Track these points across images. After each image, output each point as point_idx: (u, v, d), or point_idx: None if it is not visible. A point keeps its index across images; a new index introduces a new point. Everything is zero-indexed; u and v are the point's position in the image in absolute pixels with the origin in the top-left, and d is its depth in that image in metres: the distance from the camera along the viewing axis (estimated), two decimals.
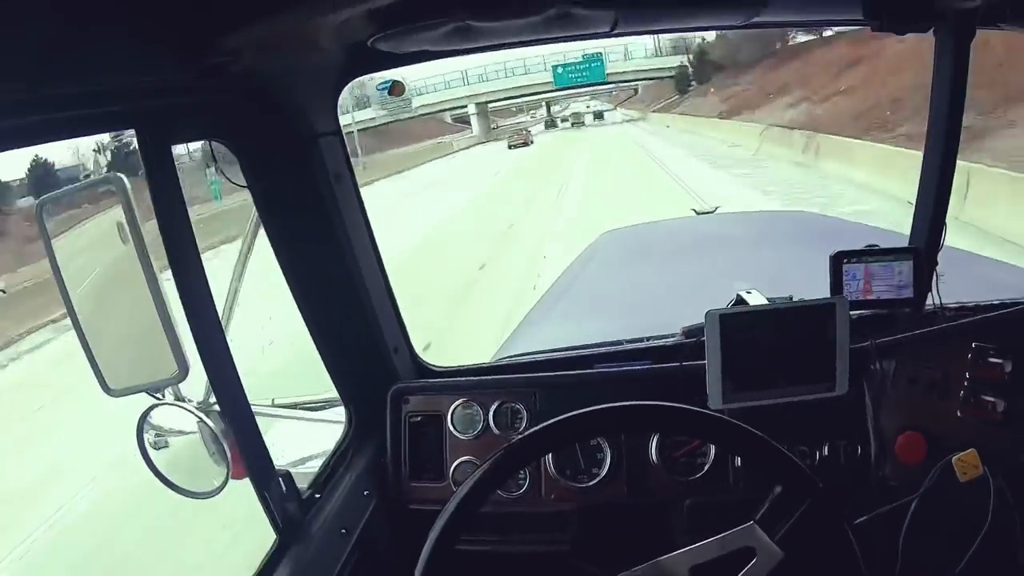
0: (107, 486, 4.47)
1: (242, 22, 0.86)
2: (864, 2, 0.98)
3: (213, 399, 1.33)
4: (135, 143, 0.95)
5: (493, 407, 1.35)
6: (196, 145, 1.18)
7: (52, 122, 0.78)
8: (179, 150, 1.11)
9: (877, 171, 10.17)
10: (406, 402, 1.38)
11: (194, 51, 0.86)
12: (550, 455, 1.30)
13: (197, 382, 1.22)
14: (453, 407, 1.36)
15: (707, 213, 3.10)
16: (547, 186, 16.54)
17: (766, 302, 1.30)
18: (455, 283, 7.91)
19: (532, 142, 39.63)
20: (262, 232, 1.20)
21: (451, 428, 1.36)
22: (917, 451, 1.25)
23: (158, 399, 1.23)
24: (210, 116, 1.04)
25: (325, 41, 1.07)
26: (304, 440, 1.42)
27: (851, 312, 1.23)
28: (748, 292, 1.32)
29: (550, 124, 58.53)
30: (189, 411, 1.25)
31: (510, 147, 37.26)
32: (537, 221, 11.92)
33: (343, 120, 1.30)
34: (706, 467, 1.29)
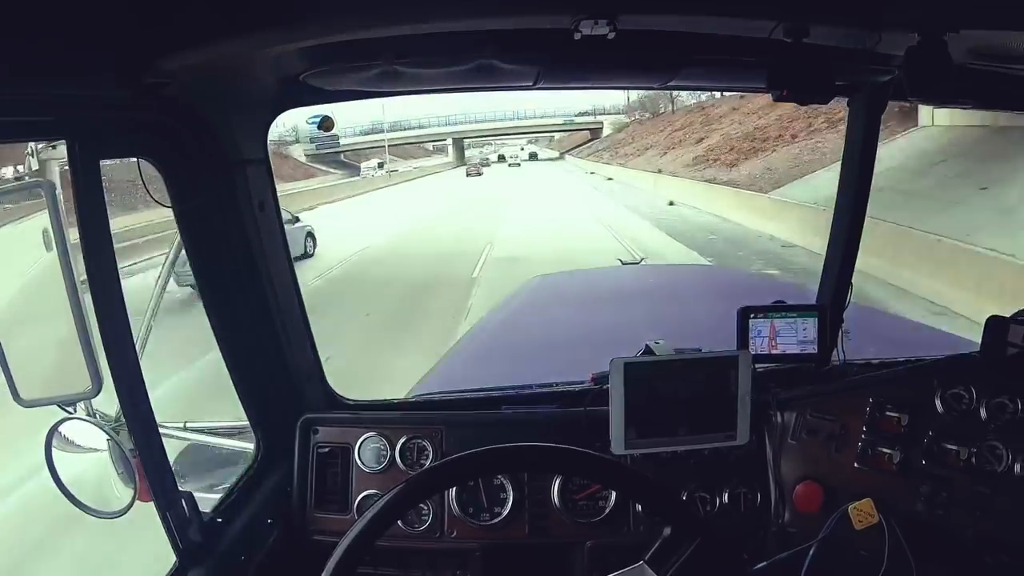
0: None
1: (180, 47, 0.89)
2: (767, 73, 1.04)
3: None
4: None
5: (400, 442, 1.36)
6: None
7: None
8: None
9: None
10: (315, 432, 1.38)
11: (131, 70, 0.88)
12: (453, 493, 1.32)
13: (112, 399, 1.21)
14: (361, 440, 1.37)
15: (632, 264, 3.18)
16: None
17: (673, 353, 1.35)
18: None
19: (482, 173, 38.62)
20: None
21: (358, 461, 1.36)
22: (815, 500, 1.31)
23: (70, 412, 1.21)
24: (141, 134, 1.05)
25: (259, 72, 1.11)
26: (216, 465, 1.40)
27: (756, 365, 1.30)
28: (656, 342, 1.37)
29: None
30: (100, 428, 1.23)
31: (468, 175, 36.83)
32: None
33: None
34: (607, 510, 1.31)
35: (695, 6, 0.89)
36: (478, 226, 16.07)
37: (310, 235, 12.71)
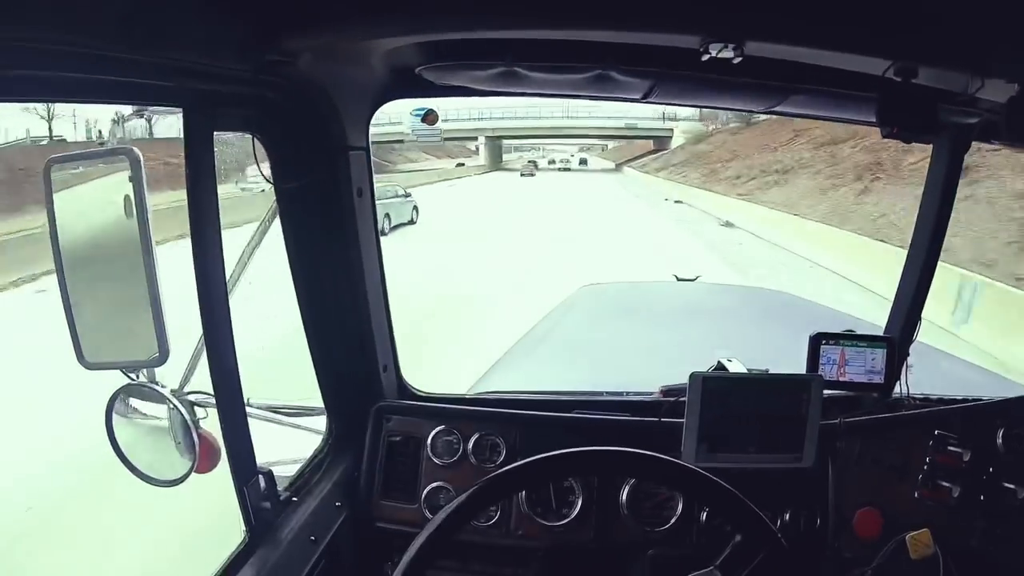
0: None
1: (306, 28, 0.90)
2: (877, 110, 1.05)
3: (187, 388, 1.32)
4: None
5: (473, 438, 1.37)
6: None
7: (112, 84, 0.81)
8: None
9: None
10: (388, 420, 1.39)
11: (256, 45, 0.90)
12: (524, 492, 1.32)
13: (173, 369, 1.21)
14: (433, 432, 1.37)
15: (688, 280, 3.18)
16: None
17: (745, 371, 1.35)
18: None
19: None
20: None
21: (429, 452, 1.37)
22: (873, 527, 1.31)
23: (132, 379, 1.22)
24: (254, 110, 1.06)
25: (376, 61, 1.12)
26: (278, 443, 1.40)
27: (824, 391, 1.29)
28: (729, 360, 1.39)
29: None
30: (165, 396, 1.23)
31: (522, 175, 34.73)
32: None
33: None
34: (672, 520, 1.31)
35: (818, 40, 0.90)
36: None
37: (415, 208, 16.34)
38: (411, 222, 15.78)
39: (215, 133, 0.98)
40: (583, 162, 57.49)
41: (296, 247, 1.20)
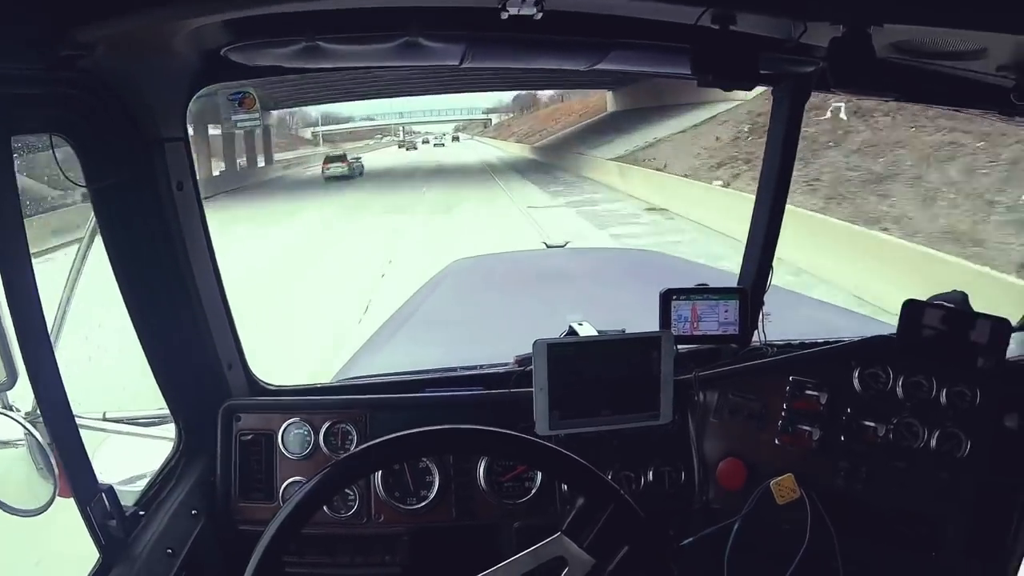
0: None
1: (97, 17, 0.85)
2: (691, 58, 1.04)
3: None
4: None
5: (324, 427, 1.35)
6: None
7: None
8: None
9: None
10: (237, 419, 1.35)
11: (45, 42, 0.84)
12: (379, 477, 1.32)
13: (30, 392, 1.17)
14: (284, 426, 1.35)
15: (557, 247, 3.24)
16: None
17: (596, 334, 1.37)
18: None
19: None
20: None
21: (281, 447, 1.35)
22: (738, 477, 1.35)
23: None
24: (55, 110, 1.00)
25: (179, 46, 1.07)
26: (137, 457, 1.37)
27: (678, 346, 1.32)
28: (580, 324, 1.40)
29: None
30: (16, 421, 1.19)
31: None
32: None
33: None
34: (532, 491, 1.33)
35: None
36: None
37: (362, 164, 28.07)
38: (361, 174, 26.09)
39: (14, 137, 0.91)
40: (456, 139, 53.71)
41: (117, 250, 1.15)
